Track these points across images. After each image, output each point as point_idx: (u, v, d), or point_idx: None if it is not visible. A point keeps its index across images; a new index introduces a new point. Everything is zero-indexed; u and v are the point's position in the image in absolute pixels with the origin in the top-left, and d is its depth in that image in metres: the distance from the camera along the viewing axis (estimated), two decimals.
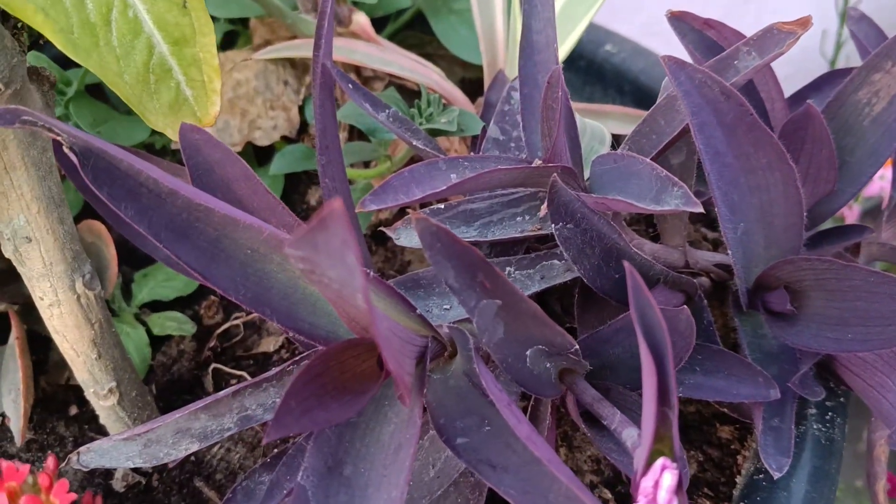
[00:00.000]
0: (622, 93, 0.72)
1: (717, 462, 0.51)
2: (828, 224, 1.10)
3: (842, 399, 0.50)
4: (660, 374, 0.30)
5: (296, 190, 0.71)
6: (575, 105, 0.64)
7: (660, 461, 0.29)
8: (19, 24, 0.41)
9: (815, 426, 0.49)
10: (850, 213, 1.04)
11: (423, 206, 0.53)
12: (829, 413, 0.49)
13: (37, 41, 0.45)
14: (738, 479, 0.50)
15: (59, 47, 0.39)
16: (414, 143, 0.50)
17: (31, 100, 0.42)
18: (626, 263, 0.31)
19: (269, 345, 0.61)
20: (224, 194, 0.43)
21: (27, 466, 0.40)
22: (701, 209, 0.37)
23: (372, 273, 0.40)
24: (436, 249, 0.36)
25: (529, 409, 0.47)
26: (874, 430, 0.48)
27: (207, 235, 0.39)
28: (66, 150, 0.37)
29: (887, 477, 0.92)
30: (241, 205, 0.44)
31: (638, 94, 0.71)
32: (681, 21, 0.49)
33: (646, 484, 0.29)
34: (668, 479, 0.29)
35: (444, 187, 0.41)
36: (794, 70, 1.11)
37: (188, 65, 0.44)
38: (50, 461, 0.42)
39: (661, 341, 0.31)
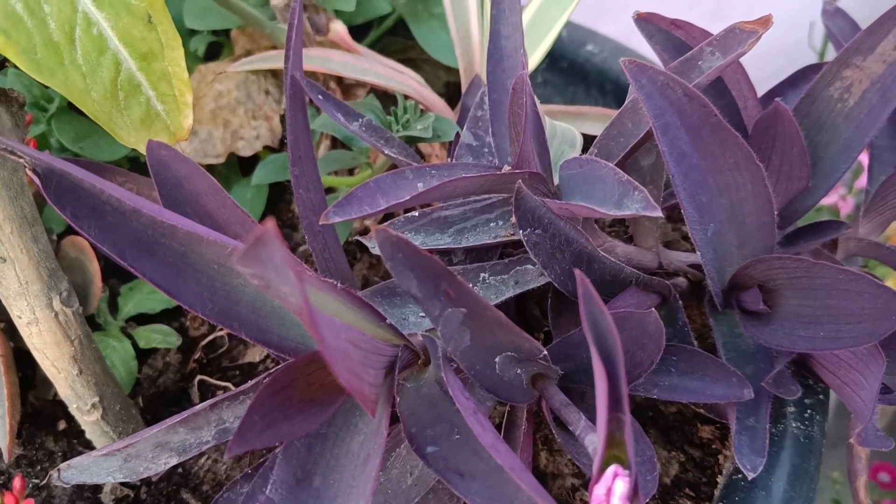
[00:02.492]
0: (604, 92, 0.72)
1: (698, 462, 0.51)
2: (825, 216, 1.10)
3: (821, 396, 0.50)
4: (611, 381, 0.30)
5: (281, 198, 0.72)
6: (553, 107, 0.64)
7: (611, 468, 0.29)
8: None
9: (793, 424, 0.49)
10: (845, 205, 1.04)
11: (406, 211, 0.53)
12: (809, 411, 0.49)
13: (4, 61, 0.46)
14: (720, 480, 0.50)
15: (23, 68, 0.39)
16: (386, 152, 0.51)
17: None
18: (576, 272, 0.31)
19: (254, 355, 0.62)
20: (193, 209, 0.44)
21: None
22: (660, 214, 0.37)
23: (340, 285, 0.41)
24: (397, 260, 0.36)
25: (506, 414, 0.47)
26: (853, 427, 0.48)
27: (173, 251, 0.40)
28: (28, 171, 0.37)
29: (887, 469, 0.92)
30: (211, 219, 0.44)
31: (620, 93, 0.71)
32: (647, 23, 0.49)
33: (598, 491, 0.29)
34: (621, 486, 0.29)
35: (409, 197, 0.41)
36: (786, 62, 1.11)
37: (158, 79, 0.44)
38: (17, 481, 0.43)
39: (613, 348, 0.31)
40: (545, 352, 0.41)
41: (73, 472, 0.44)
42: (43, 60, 0.39)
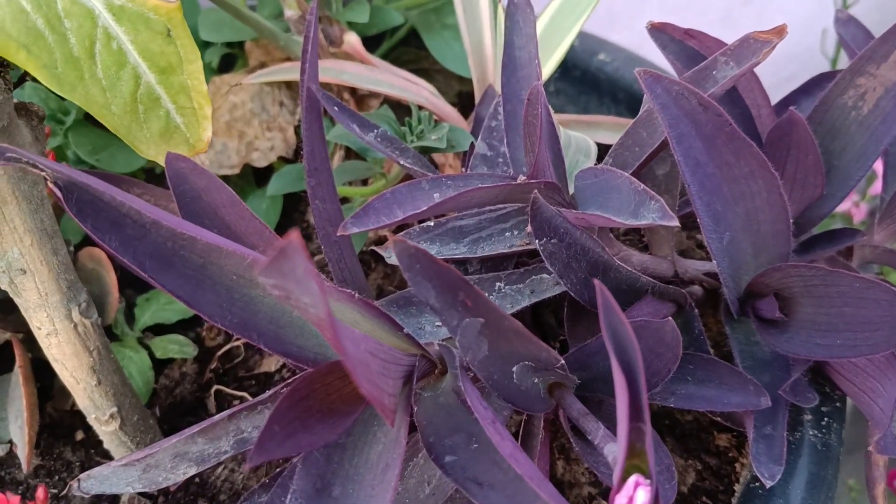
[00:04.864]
0: (617, 101, 0.73)
1: (715, 470, 0.51)
2: (838, 223, 1.09)
3: (838, 404, 0.50)
4: (632, 391, 0.30)
5: (295, 208, 0.72)
6: (567, 116, 0.64)
7: (633, 478, 0.29)
8: (4, 62, 0.42)
9: (811, 432, 0.49)
10: (858, 212, 1.04)
11: (421, 221, 0.54)
12: (826, 418, 0.49)
13: (23, 76, 0.46)
14: (737, 488, 0.50)
15: (44, 83, 0.40)
16: (401, 162, 0.51)
17: (19, 135, 0.43)
18: (596, 282, 0.31)
19: (270, 365, 0.62)
20: (211, 220, 0.44)
21: (17, 498, 0.40)
22: (676, 223, 0.37)
23: (358, 295, 0.41)
24: (415, 271, 0.36)
25: (523, 423, 0.48)
26: (872, 434, 0.48)
27: (193, 263, 0.40)
28: (50, 184, 0.38)
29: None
30: (229, 230, 0.44)
31: (632, 102, 0.71)
32: (661, 33, 0.49)
33: (619, 501, 0.29)
34: (642, 496, 0.29)
35: (425, 207, 0.42)
36: (799, 68, 1.11)
37: (177, 93, 0.44)
38: (40, 492, 0.43)
39: (633, 358, 0.31)
40: (562, 361, 0.41)
41: (92, 482, 0.45)
42: (63, 75, 0.40)
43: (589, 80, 0.74)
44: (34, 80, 0.62)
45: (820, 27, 1.11)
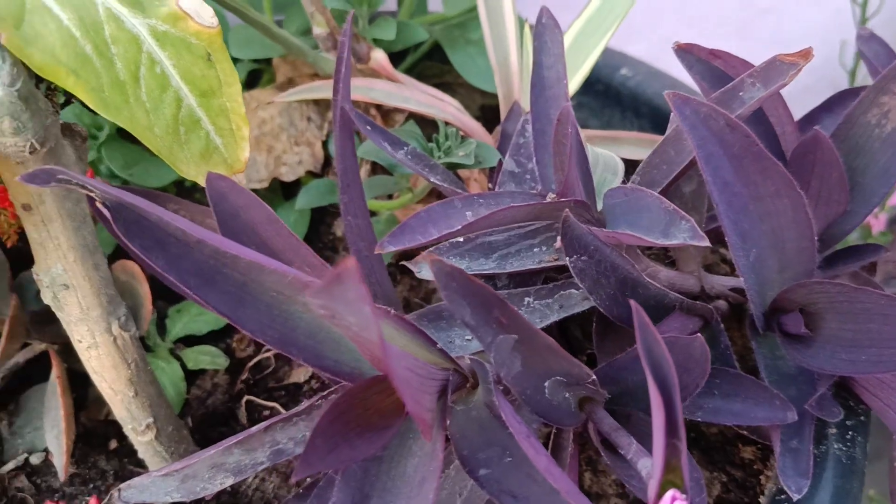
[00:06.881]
0: (639, 115, 0.73)
1: (740, 483, 0.52)
2: (856, 234, 1.10)
3: (862, 418, 0.51)
4: (667, 408, 0.31)
5: (322, 221, 0.73)
6: (590, 132, 0.65)
7: (669, 493, 0.30)
8: (52, 86, 0.43)
9: (835, 445, 0.49)
10: (877, 222, 1.05)
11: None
12: (850, 432, 0.50)
13: (71, 95, 0.47)
14: (762, 500, 0.51)
15: (91, 106, 0.41)
16: (431, 180, 0.52)
17: (64, 155, 0.44)
18: (632, 302, 0.32)
19: (299, 375, 0.63)
20: (249, 237, 0.45)
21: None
22: (707, 243, 0.38)
23: (393, 311, 0.42)
24: (451, 289, 0.37)
25: (552, 436, 0.48)
26: (895, 448, 0.49)
27: (234, 280, 0.41)
28: (98, 205, 0.39)
29: None
30: (266, 247, 0.46)
31: (654, 116, 0.72)
32: (687, 53, 0.50)
33: None
34: None
35: (460, 226, 0.43)
36: (815, 80, 1.11)
37: (216, 115, 0.46)
38: (92, 502, 0.44)
39: (669, 376, 0.32)
40: (594, 376, 0.42)
41: (133, 491, 0.46)
42: (110, 98, 0.41)
43: (612, 95, 0.75)
44: (81, 102, 0.63)
45: (838, 38, 1.11)
